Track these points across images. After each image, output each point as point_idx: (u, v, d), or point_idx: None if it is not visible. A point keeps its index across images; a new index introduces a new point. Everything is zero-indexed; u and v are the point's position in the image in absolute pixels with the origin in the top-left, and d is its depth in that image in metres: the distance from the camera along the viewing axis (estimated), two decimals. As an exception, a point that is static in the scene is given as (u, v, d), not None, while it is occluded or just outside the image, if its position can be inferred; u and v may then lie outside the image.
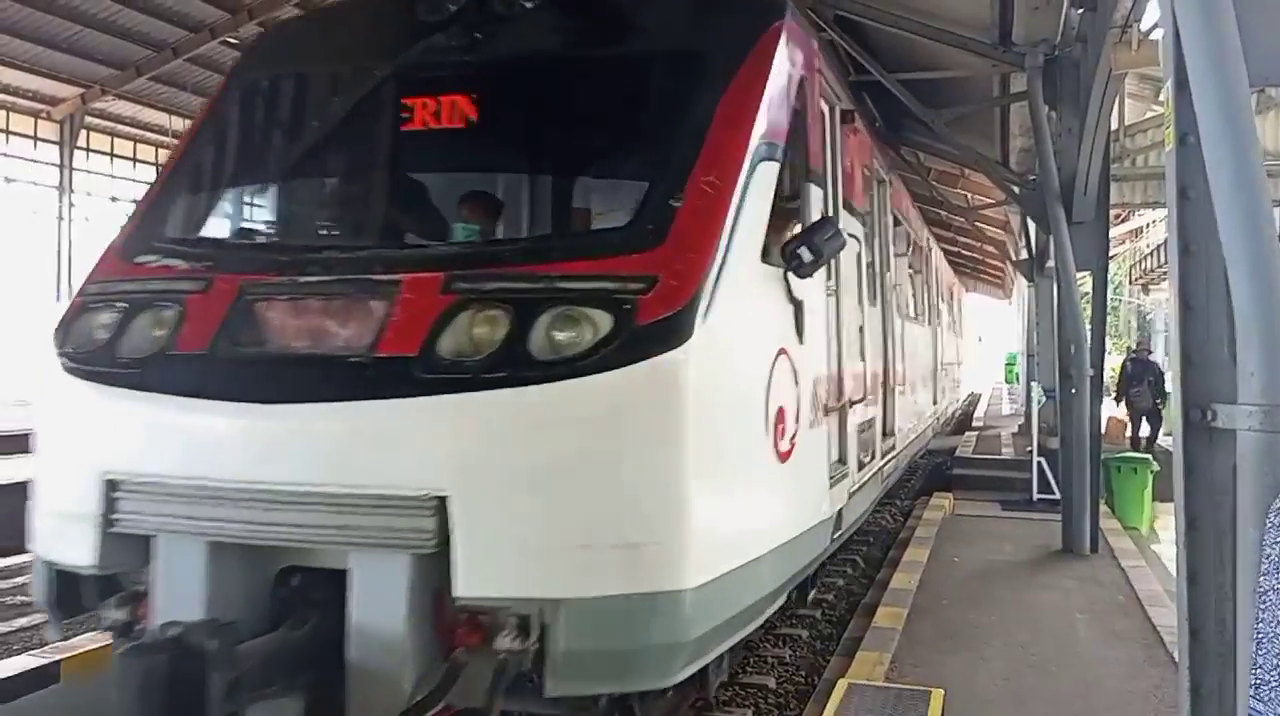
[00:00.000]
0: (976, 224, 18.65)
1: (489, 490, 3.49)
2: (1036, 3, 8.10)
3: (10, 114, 19.32)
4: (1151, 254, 31.90)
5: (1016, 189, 10.74)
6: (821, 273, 5.23)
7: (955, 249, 23.18)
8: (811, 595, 6.96)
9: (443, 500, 3.44)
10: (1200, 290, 2.59)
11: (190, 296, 4.11)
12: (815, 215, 5.12)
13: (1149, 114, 14.49)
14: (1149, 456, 12.37)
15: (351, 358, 3.71)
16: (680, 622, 3.59)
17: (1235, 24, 2.31)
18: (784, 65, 4.84)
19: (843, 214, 6.24)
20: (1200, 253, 2.58)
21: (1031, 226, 14.34)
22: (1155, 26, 7.58)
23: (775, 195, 4.51)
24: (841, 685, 5.05)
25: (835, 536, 5.76)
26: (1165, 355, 19.40)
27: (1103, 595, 7.29)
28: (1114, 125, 11.05)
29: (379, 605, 3.51)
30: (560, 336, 3.59)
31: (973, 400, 31.33)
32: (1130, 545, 9.20)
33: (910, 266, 11.67)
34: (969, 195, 17.35)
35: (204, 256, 4.44)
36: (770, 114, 4.57)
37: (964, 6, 8.51)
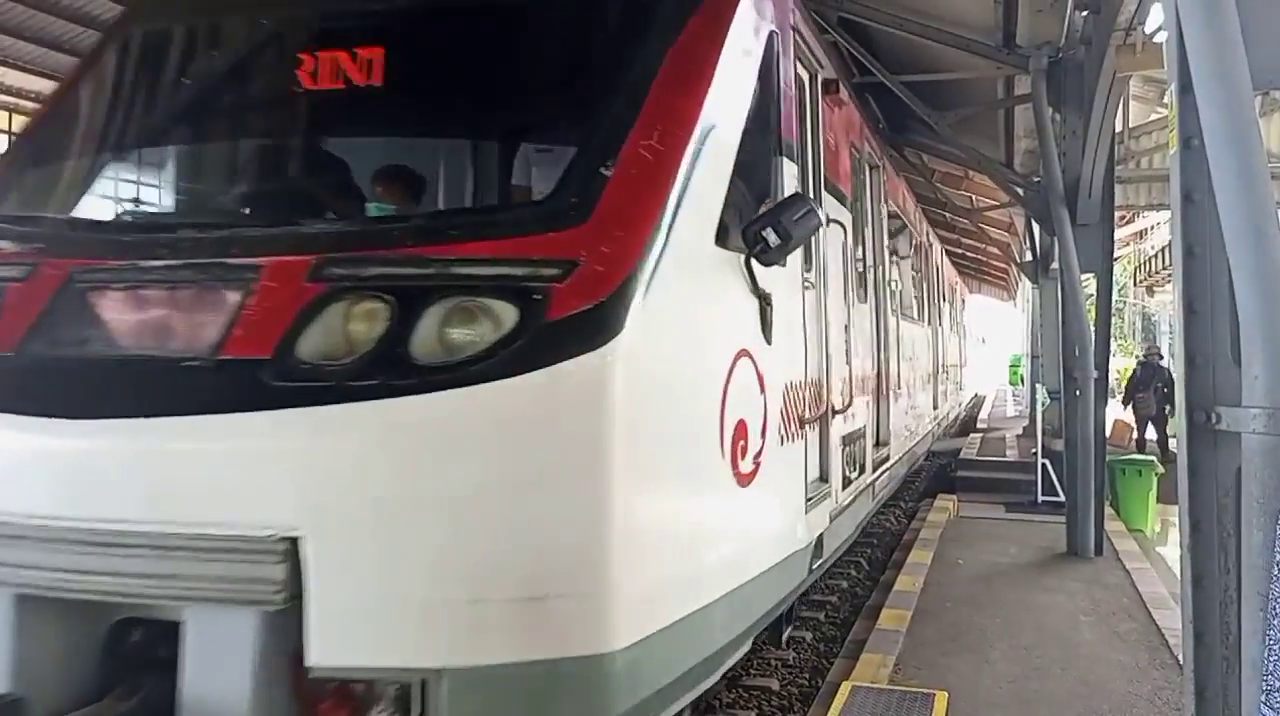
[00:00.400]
0: (980, 226, 18.63)
1: (353, 529, 2.82)
2: (1040, 5, 8.09)
3: (13, 115, 19.36)
4: (1156, 256, 31.82)
5: (1021, 191, 10.76)
6: (797, 263, 4.74)
7: (959, 250, 23.16)
8: (786, 633, 6.04)
9: (294, 542, 2.78)
10: (1204, 293, 2.58)
11: (9, 285, 3.39)
12: (788, 193, 4.46)
13: (1153, 116, 14.45)
14: (1153, 459, 12.36)
15: (188, 361, 3.01)
16: (603, 695, 2.93)
17: (1239, 27, 2.31)
18: (749, 15, 4.19)
19: (825, 197, 5.58)
20: (1204, 256, 2.58)
21: (1036, 228, 14.34)
22: (1159, 29, 7.58)
23: (736, 167, 3.86)
24: (845, 687, 5.07)
25: (815, 566, 5.21)
26: (1172, 358, 19.38)
27: (1107, 597, 7.27)
28: (1118, 127, 11.05)
29: (218, 673, 2.84)
30: (453, 334, 2.96)
31: (977, 402, 31.29)
32: (1135, 547, 9.19)
33: (907, 261, 11.32)
34: (973, 197, 17.33)
35: (36, 236, 3.71)
36: (731, 71, 3.91)
37: (968, 9, 8.51)
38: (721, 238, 3.73)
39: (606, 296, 3.00)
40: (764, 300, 4.13)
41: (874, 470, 7.43)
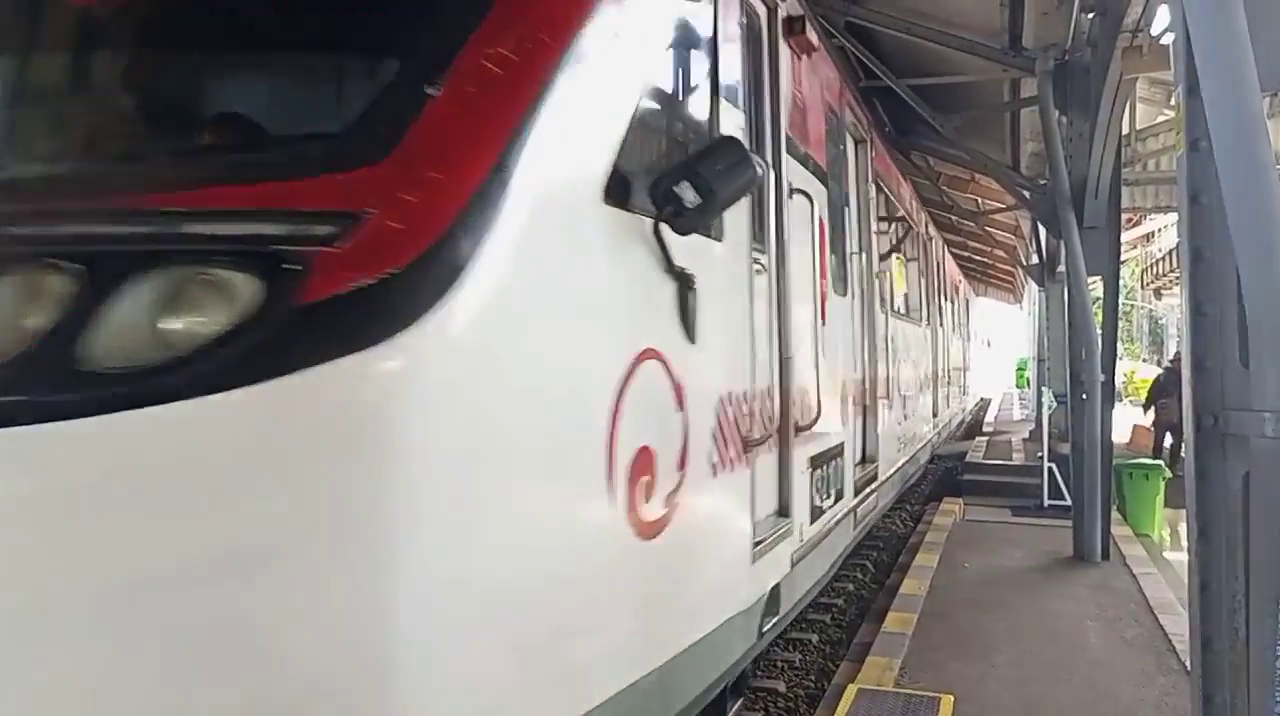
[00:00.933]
0: (987, 228, 18.59)
1: None
2: (1046, 7, 8.08)
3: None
4: (1163, 259, 31.80)
5: (1027, 193, 10.75)
6: (743, 237, 3.85)
7: (966, 254, 23.12)
8: (733, 712, 4.29)
9: None
10: (1212, 296, 2.58)
11: None
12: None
13: (1160, 118, 14.41)
14: (1160, 463, 12.32)
15: None
16: None
17: (1246, 29, 2.31)
18: None
19: (787, 161, 4.58)
20: (1212, 258, 2.57)
21: (1042, 231, 14.30)
22: (1166, 31, 7.55)
23: (647, 104, 2.99)
24: (851, 690, 5.06)
25: (768, 627, 4.18)
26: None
27: (1114, 602, 7.24)
28: (1125, 129, 11.01)
29: None
30: (162, 324, 2.04)
31: (982, 406, 31.23)
32: (1142, 552, 9.15)
33: (903, 253, 10.79)
34: (979, 200, 17.30)
35: None
36: None
37: (973, 12, 8.50)
38: (618, 194, 2.75)
39: (403, 267, 2.06)
40: (684, 282, 3.13)
41: (856, 494, 6.44)
